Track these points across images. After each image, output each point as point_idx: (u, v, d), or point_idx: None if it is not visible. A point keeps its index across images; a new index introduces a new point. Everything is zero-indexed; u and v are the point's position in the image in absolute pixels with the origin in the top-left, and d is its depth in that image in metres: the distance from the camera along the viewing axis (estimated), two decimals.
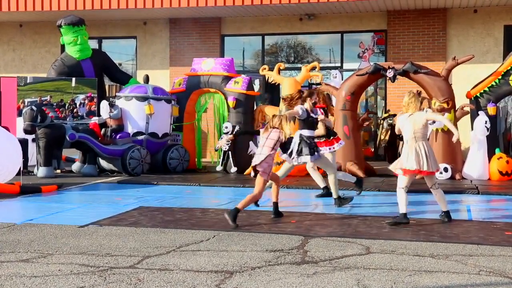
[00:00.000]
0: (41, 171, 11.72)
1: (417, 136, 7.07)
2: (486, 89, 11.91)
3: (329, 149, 8.95)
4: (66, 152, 13.04)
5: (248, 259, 5.33)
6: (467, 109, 12.06)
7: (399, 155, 14.41)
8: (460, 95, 12.48)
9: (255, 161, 7.26)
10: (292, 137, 8.17)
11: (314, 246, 5.87)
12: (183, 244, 5.96)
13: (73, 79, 13.28)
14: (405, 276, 4.81)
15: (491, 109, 11.70)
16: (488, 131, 11.56)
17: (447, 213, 7.24)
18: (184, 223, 7.11)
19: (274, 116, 7.58)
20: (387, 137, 15.29)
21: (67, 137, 11.86)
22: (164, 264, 5.17)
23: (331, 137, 9.02)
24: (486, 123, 11.54)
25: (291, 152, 8.18)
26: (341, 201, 8.31)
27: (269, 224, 7.06)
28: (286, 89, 12.73)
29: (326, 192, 9.10)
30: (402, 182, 7.09)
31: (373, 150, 15.70)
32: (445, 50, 16.04)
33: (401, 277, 4.76)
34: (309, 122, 8.33)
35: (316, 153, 8.14)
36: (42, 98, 13.08)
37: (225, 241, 6.13)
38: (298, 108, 8.28)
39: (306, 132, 8.25)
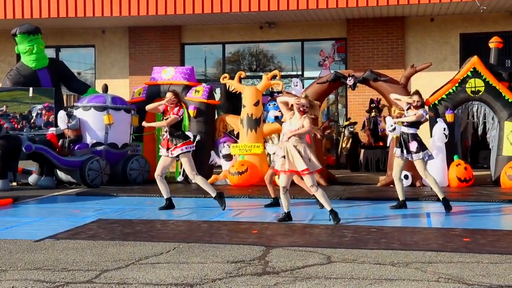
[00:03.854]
0: None
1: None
2: (444, 96, 12.08)
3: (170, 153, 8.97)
4: (22, 164, 12.72)
5: (208, 271, 5.26)
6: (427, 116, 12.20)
7: (361, 163, 14.64)
8: None
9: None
10: None
11: (276, 257, 5.83)
12: (142, 257, 5.85)
13: (30, 89, 13.00)
14: (366, 285, 4.80)
15: (449, 116, 11.87)
16: (446, 138, 11.72)
17: (332, 212, 7.78)
18: (143, 235, 6.99)
19: None
20: (348, 145, 15.39)
21: (23, 149, 11.59)
22: (123, 278, 5.06)
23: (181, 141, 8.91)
24: (444, 130, 11.70)
25: None
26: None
27: (230, 235, 7.00)
28: (247, 98, 12.71)
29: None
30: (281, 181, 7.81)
31: (335, 158, 15.78)
32: (403, 58, 16.27)
33: (362, 286, 4.75)
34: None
35: None
36: None
37: (185, 253, 6.04)
38: None
39: None
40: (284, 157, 7.70)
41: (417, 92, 8.90)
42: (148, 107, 9.40)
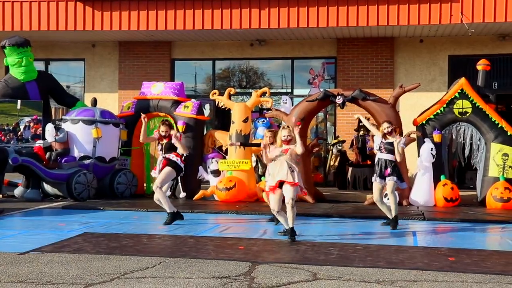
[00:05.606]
0: None
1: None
2: (432, 116, 12.16)
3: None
4: (9, 176, 12.64)
5: (194, 286, 5.24)
6: (414, 136, 12.28)
7: (348, 181, 14.67)
8: (407, 122, 12.72)
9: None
10: None
11: (262, 273, 5.82)
12: (127, 271, 5.81)
13: (18, 101, 12.94)
14: None
15: (436, 137, 11.94)
16: (433, 158, 11.79)
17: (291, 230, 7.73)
18: (129, 250, 6.95)
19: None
20: (336, 163, 15.42)
21: (10, 161, 11.51)
22: None
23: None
24: (431, 150, 11.77)
25: None
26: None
27: (216, 250, 6.97)
28: (237, 114, 12.73)
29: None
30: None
31: (322, 176, 15.80)
32: (392, 78, 16.38)
33: None
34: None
35: None
36: None
37: (171, 268, 6.01)
38: None
39: None
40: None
41: (387, 121, 9.30)
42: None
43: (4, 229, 8.49)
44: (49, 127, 12.42)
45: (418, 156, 12.03)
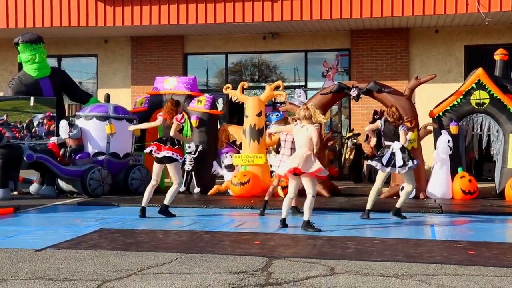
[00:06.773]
0: None
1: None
2: (448, 108, 12.03)
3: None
4: (24, 173, 12.68)
5: (211, 282, 5.19)
6: (430, 128, 12.16)
7: (364, 174, 14.56)
8: (423, 114, 12.60)
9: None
10: None
11: (279, 268, 5.75)
12: (144, 267, 5.78)
13: (32, 98, 12.96)
14: None
15: (453, 128, 11.81)
16: (450, 150, 11.65)
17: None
18: (145, 245, 6.92)
19: None
20: (351, 157, 15.33)
21: (25, 158, 11.54)
22: None
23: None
24: (448, 142, 11.64)
25: None
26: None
27: (232, 246, 6.92)
28: (250, 108, 12.66)
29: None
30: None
31: (338, 169, 15.70)
32: (407, 69, 16.23)
33: None
34: None
35: None
36: None
37: (187, 263, 5.97)
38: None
39: None
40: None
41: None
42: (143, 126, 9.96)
43: (20, 225, 8.50)
44: (63, 124, 12.43)
45: (435, 148, 11.91)
